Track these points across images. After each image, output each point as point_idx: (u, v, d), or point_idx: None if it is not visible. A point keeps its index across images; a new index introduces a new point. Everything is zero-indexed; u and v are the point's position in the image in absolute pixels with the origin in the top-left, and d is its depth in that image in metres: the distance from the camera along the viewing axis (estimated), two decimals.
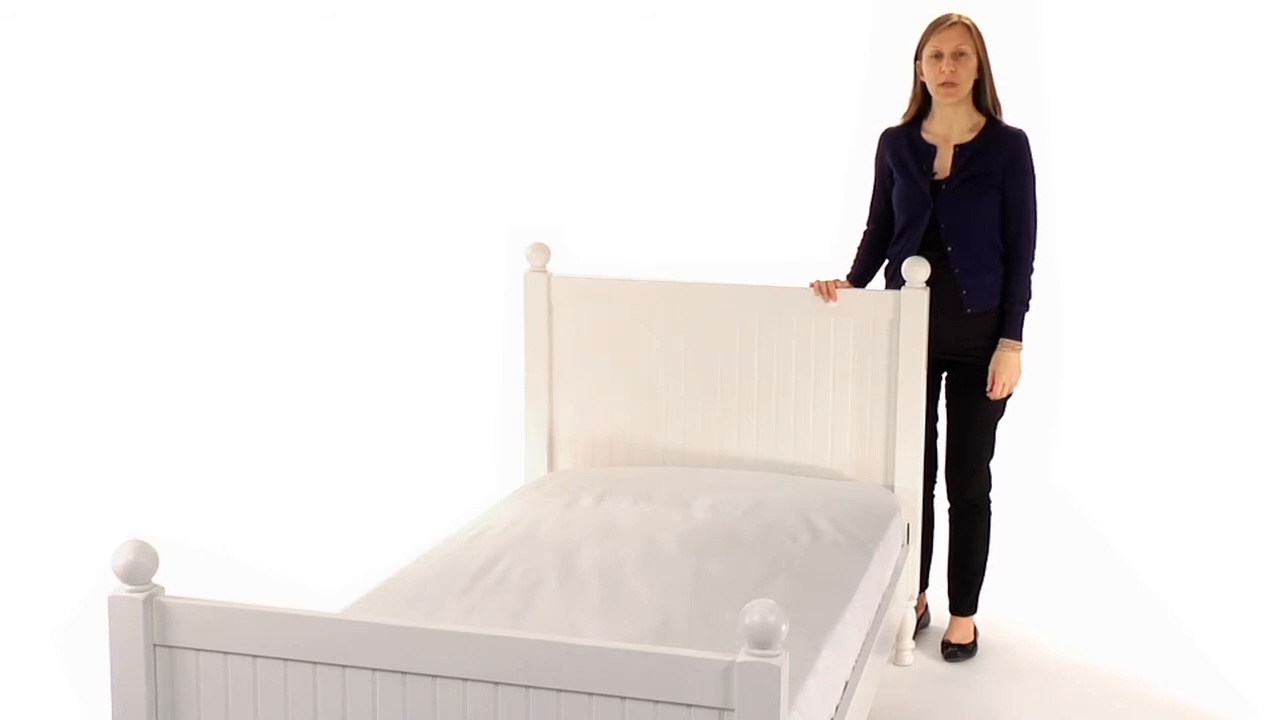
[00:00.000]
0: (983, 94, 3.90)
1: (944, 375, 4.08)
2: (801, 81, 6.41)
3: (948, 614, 4.21)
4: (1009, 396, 4.00)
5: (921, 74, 3.92)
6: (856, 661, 3.11)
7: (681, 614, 2.89)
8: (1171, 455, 5.93)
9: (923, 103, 3.98)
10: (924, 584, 4.29)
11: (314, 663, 2.30)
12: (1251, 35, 6.07)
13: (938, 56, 3.84)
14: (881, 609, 3.46)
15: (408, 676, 2.25)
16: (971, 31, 3.85)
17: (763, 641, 2.07)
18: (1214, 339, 6.22)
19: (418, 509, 5.40)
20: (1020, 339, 3.93)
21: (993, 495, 4.12)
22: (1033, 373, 4.05)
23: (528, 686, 2.20)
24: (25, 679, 3.96)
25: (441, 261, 6.76)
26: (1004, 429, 4.06)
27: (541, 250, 4.14)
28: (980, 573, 4.16)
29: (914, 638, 4.12)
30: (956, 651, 4.11)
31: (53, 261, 6.81)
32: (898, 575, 3.73)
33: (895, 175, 3.99)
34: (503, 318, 6.22)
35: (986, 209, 3.88)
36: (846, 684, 2.97)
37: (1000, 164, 3.87)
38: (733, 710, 2.10)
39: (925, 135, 3.96)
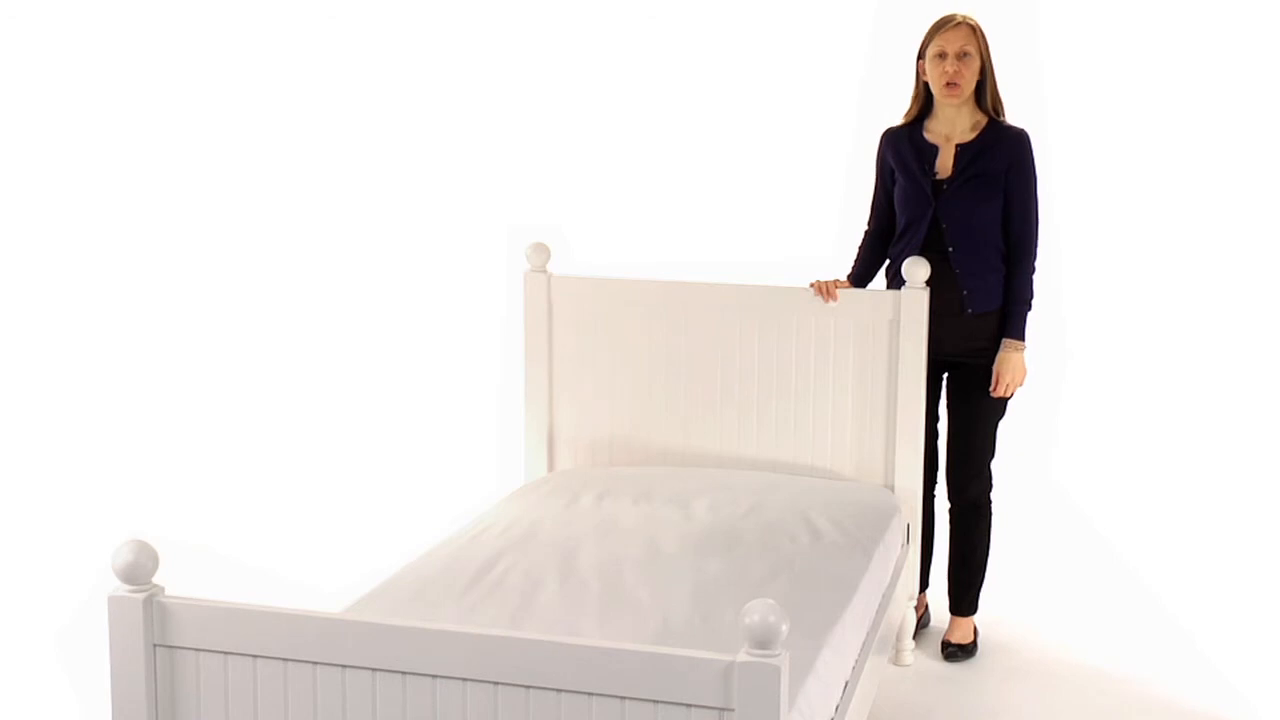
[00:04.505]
0: (985, 94, 3.90)
1: (945, 376, 4.08)
2: (801, 81, 6.41)
3: (948, 614, 4.21)
4: (1010, 397, 4.00)
5: (924, 73, 3.92)
6: (856, 661, 3.11)
7: (681, 614, 2.89)
8: (1172, 455, 5.93)
9: (925, 102, 3.97)
10: (924, 584, 4.29)
11: (314, 663, 2.30)
12: (1251, 35, 6.07)
13: (941, 57, 3.83)
14: (881, 609, 3.46)
15: (408, 676, 2.25)
16: (976, 32, 3.84)
17: (763, 641, 2.07)
18: (1214, 339, 6.22)
19: (418, 509, 5.40)
20: (1023, 339, 3.92)
21: (993, 495, 4.12)
22: (1033, 373, 4.06)
23: (528, 686, 2.20)
24: (26, 679, 3.96)
25: (442, 261, 6.76)
26: (1004, 429, 4.06)
27: (541, 250, 4.14)
28: (980, 573, 4.16)
29: (914, 638, 4.12)
30: (956, 651, 4.11)
31: (53, 261, 6.81)
32: (898, 575, 3.73)
33: (897, 175, 3.99)
34: (503, 318, 6.23)
35: (988, 209, 3.88)
36: (846, 684, 2.97)
37: (1002, 164, 3.86)
38: (733, 710, 2.09)
39: (927, 135, 3.95)
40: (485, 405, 6.34)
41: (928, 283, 3.87)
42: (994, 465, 4.08)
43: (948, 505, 4.14)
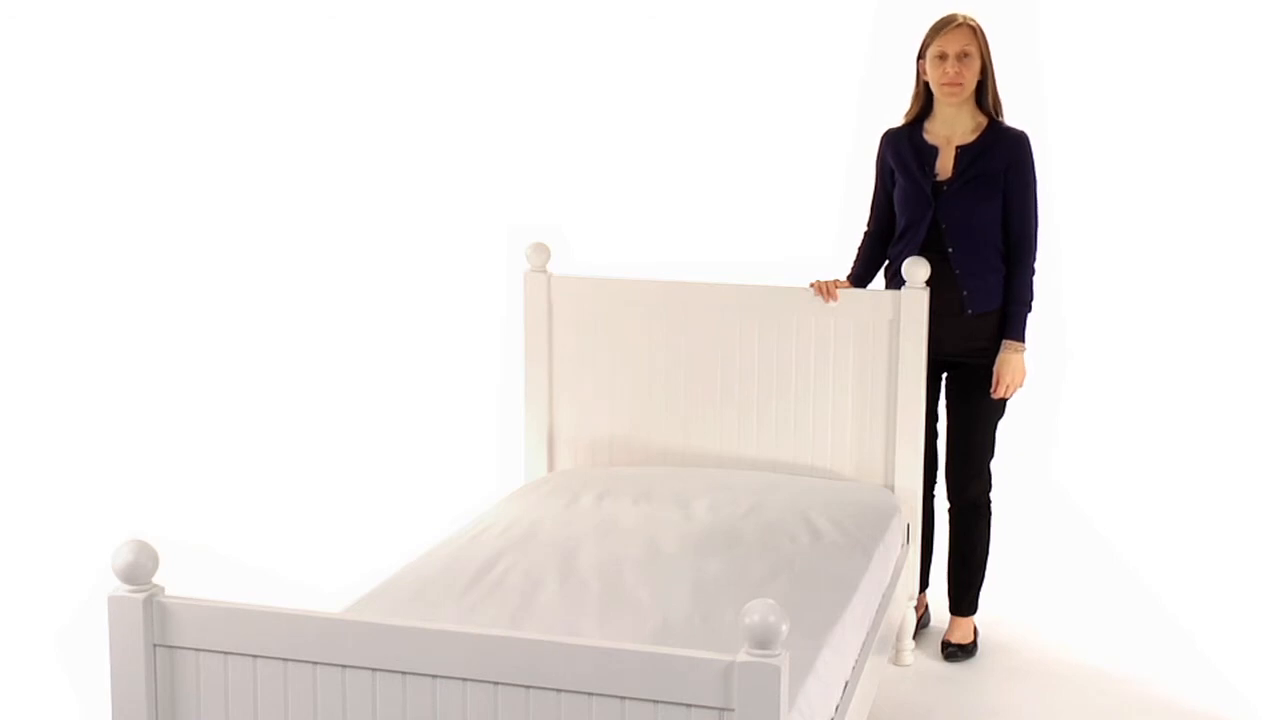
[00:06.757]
0: (985, 95, 3.90)
1: (944, 376, 4.08)
2: (801, 81, 6.41)
3: (948, 614, 4.21)
4: (1010, 397, 4.00)
5: (925, 73, 3.92)
6: (856, 661, 3.11)
7: (681, 614, 2.89)
8: (1172, 455, 5.93)
9: (925, 102, 3.97)
10: (924, 584, 4.29)
11: (314, 663, 2.30)
12: (1251, 35, 6.07)
13: (942, 58, 3.83)
14: (881, 609, 3.46)
15: (408, 676, 2.25)
16: (976, 33, 3.84)
17: (763, 641, 2.07)
18: (1214, 339, 6.22)
19: (418, 509, 5.40)
20: (1023, 340, 3.92)
21: (993, 495, 4.12)
22: (1033, 373, 4.06)
23: (528, 686, 2.20)
24: (26, 679, 3.96)
25: (442, 261, 6.76)
26: (1004, 429, 4.06)
27: (541, 250, 4.15)
28: (980, 573, 4.16)
29: (914, 638, 4.12)
30: (956, 651, 4.11)
31: (53, 261, 6.81)
32: (898, 575, 3.73)
33: (897, 176, 3.99)
34: (503, 318, 6.22)
35: (988, 210, 3.88)
36: (846, 684, 2.98)
37: (1002, 165, 3.86)
38: (733, 710, 2.09)
39: (927, 136, 3.95)
40: (485, 405, 6.34)
41: (928, 283, 3.87)
42: (994, 465, 4.08)
43: (947, 505, 4.14)
